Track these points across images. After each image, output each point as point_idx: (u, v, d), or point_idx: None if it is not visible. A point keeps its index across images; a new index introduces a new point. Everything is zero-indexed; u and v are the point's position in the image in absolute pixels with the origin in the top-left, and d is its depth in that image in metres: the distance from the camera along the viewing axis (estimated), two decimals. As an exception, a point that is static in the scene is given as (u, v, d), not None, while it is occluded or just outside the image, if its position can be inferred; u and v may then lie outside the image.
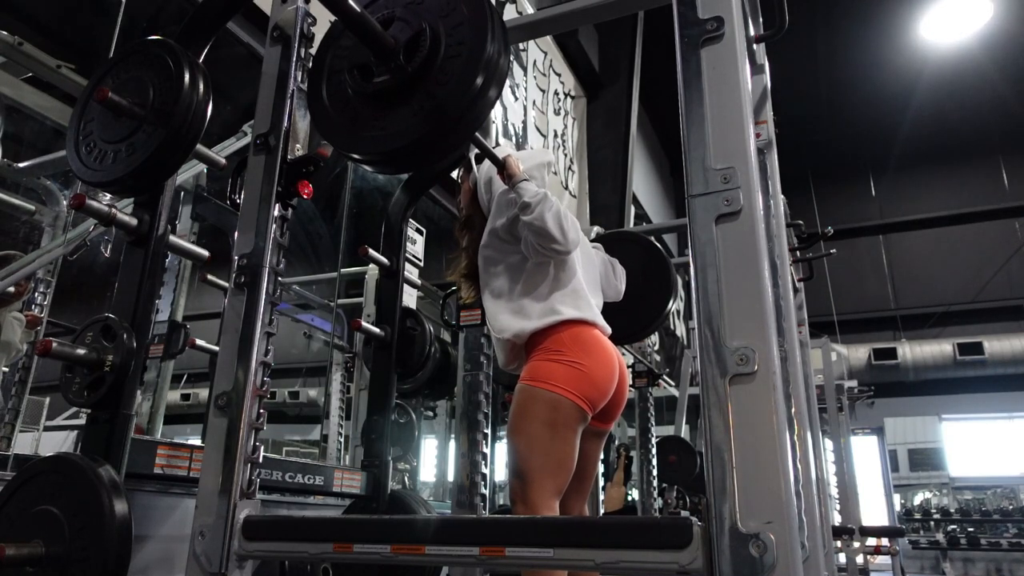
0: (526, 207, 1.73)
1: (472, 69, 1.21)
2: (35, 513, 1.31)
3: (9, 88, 3.15)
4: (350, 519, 1.71)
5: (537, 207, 1.72)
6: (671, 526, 0.91)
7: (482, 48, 1.22)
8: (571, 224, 1.75)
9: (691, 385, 6.44)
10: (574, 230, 1.76)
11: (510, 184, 1.81)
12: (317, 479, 2.22)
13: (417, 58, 1.24)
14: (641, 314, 2.49)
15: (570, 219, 1.76)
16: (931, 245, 11.87)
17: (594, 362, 1.75)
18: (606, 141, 7.91)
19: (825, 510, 3.10)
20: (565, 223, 1.73)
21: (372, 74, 1.29)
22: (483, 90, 1.21)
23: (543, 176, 1.95)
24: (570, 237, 1.74)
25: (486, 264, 1.89)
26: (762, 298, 0.96)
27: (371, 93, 1.29)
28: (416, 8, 1.29)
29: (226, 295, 1.37)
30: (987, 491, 10.71)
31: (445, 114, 1.22)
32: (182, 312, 3.65)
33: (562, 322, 1.76)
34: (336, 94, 1.36)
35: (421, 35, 1.25)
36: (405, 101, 1.26)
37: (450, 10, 1.27)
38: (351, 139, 1.32)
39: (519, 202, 1.75)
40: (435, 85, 1.24)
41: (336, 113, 1.35)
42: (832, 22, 9.38)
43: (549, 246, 1.73)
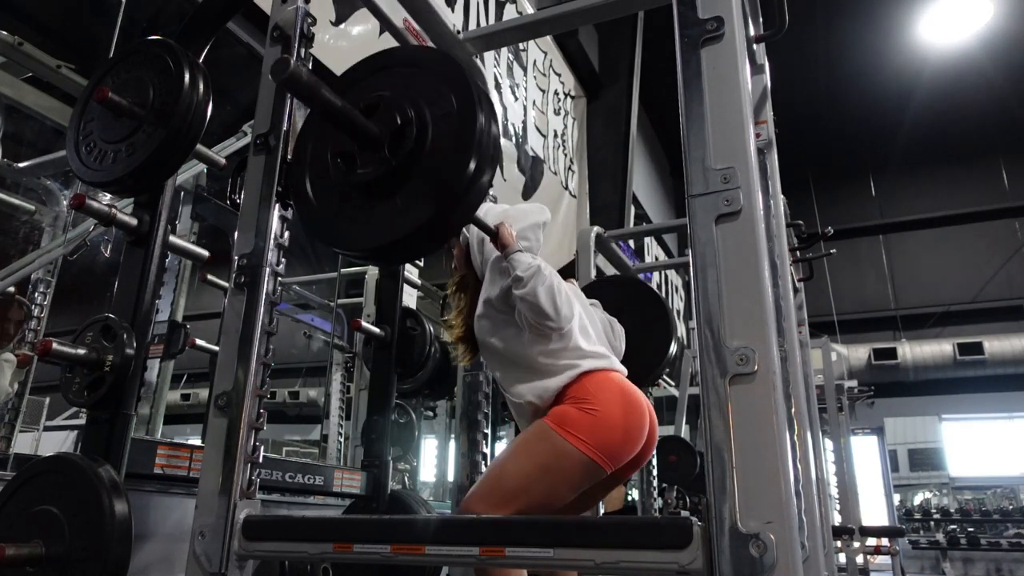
0: (519, 281, 1.66)
1: (464, 153, 1.14)
2: (35, 513, 1.31)
3: (9, 88, 3.15)
4: (350, 519, 1.71)
5: (530, 282, 1.65)
6: (671, 526, 0.91)
7: (472, 130, 1.14)
8: (565, 299, 1.68)
9: (691, 385, 6.43)
10: (567, 305, 1.69)
11: (503, 254, 1.74)
12: (317, 479, 2.22)
13: (404, 148, 1.17)
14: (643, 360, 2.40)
15: (564, 293, 1.69)
16: (931, 245, 11.87)
17: (622, 411, 1.65)
18: (606, 141, 7.91)
19: (825, 510, 3.10)
20: (559, 298, 1.66)
21: (356, 164, 1.22)
22: (477, 174, 1.14)
23: (538, 237, 1.88)
24: (563, 313, 1.67)
25: (486, 332, 1.81)
26: (762, 298, 0.96)
27: (357, 184, 1.21)
28: (402, 91, 1.22)
29: (226, 295, 1.37)
30: (987, 491, 10.71)
31: (438, 204, 1.15)
32: (182, 312, 3.65)
33: (582, 373, 1.67)
34: (320, 184, 1.28)
35: (407, 125, 1.18)
36: (394, 192, 1.19)
37: (436, 95, 1.20)
38: (339, 233, 1.24)
39: (512, 275, 1.68)
40: (425, 174, 1.17)
41: (321, 205, 1.27)
42: (832, 22, 9.37)
43: (543, 323, 1.66)
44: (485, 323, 1.80)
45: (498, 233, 1.75)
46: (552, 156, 6.94)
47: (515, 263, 1.69)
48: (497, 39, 2.36)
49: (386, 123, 1.19)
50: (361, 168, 1.21)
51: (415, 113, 1.19)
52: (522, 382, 1.72)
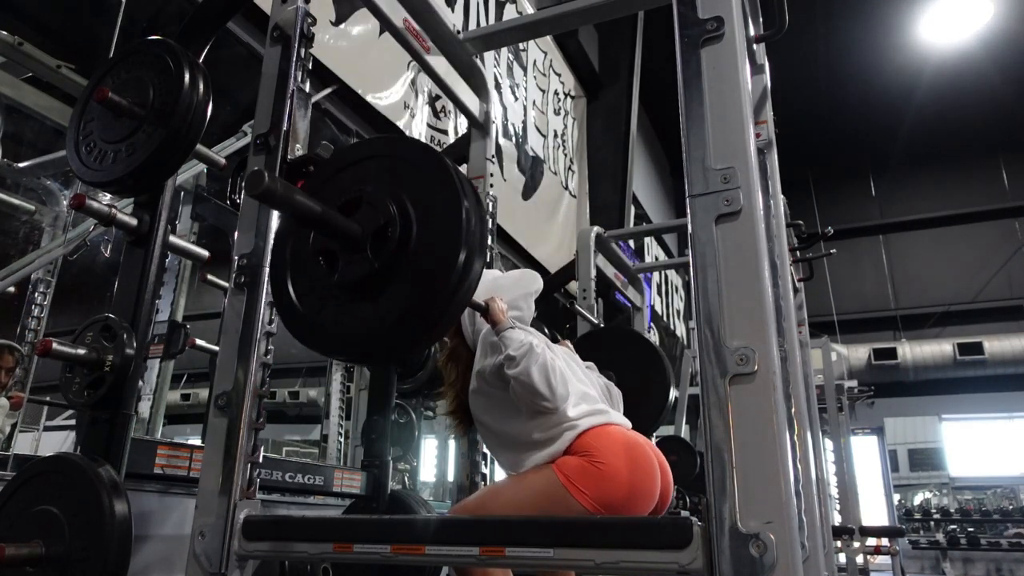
0: (511, 361, 1.60)
1: (452, 247, 1.09)
2: (35, 513, 1.31)
3: (9, 88, 3.15)
4: (350, 519, 1.71)
5: (523, 361, 1.58)
6: (671, 526, 0.91)
7: (459, 223, 1.09)
8: (559, 378, 1.62)
9: (691, 385, 6.44)
10: (563, 384, 1.62)
11: (494, 331, 1.68)
12: (317, 479, 2.22)
13: (388, 247, 1.12)
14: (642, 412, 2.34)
15: (558, 372, 1.62)
16: (931, 245, 11.87)
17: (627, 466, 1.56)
18: (606, 141, 7.91)
19: (825, 510, 3.10)
20: (553, 377, 1.59)
21: (338, 261, 1.16)
22: (467, 267, 1.09)
23: (529, 305, 1.85)
24: (558, 392, 1.60)
25: (480, 410, 1.75)
26: (762, 298, 0.96)
27: (341, 284, 1.16)
28: (382, 185, 1.17)
29: (226, 295, 1.37)
30: (987, 491, 10.71)
31: (429, 302, 1.10)
32: (182, 312, 3.65)
33: (583, 432, 1.60)
34: (302, 284, 1.22)
35: (390, 223, 1.12)
36: (381, 291, 1.13)
37: (419, 185, 1.15)
38: (323, 336, 1.19)
39: (504, 354, 1.62)
40: (413, 271, 1.11)
41: (304, 305, 1.20)
42: (832, 22, 9.38)
43: (538, 403, 1.59)
44: (479, 399, 1.74)
45: (488, 309, 1.69)
46: (552, 156, 6.94)
47: (507, 341, 1.63)
48: (497, 39, 2.36)
49: (368, 221, 1.14)
50: (345, 268, 1.15)
51: (397, 208, 1.13)
52: (522, 457, 1.65)
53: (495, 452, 1.77)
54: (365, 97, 4.03)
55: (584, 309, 3.34)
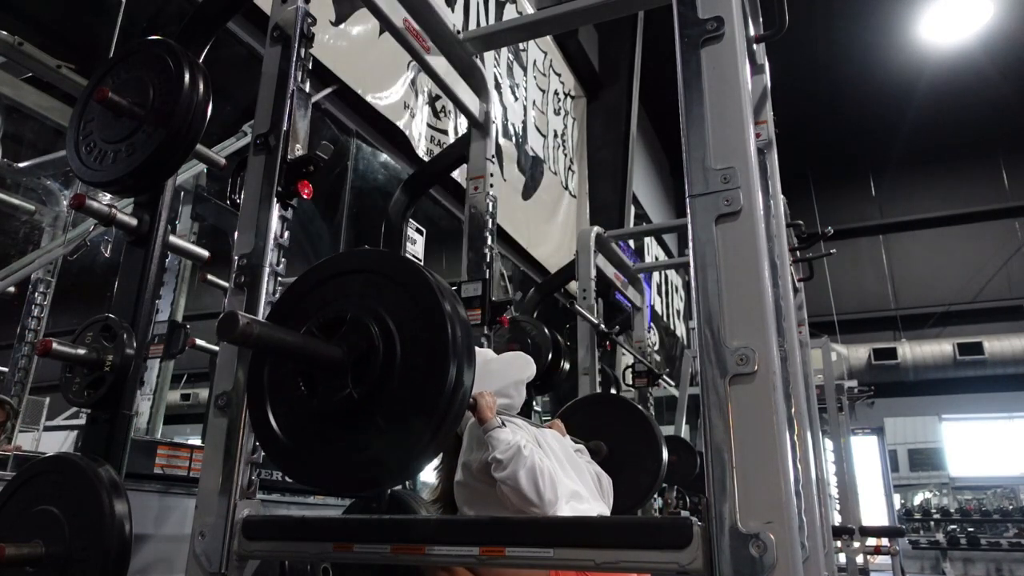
0: (499, 464, 1.56)
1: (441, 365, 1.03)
2: (35, 513, 1.31)
3: (9, 88, 3.15)
4: (350, 519, 1.71)
5: (511, 465, 1.54)
6: (671, 526, 0.91)
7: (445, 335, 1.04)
8: (547, 482, 1.57)
9: (691, 385, 6.44)
10: (551, 489, 1.57)
11: (482, 429, 1.63)
12: (317, 479, 2.22)
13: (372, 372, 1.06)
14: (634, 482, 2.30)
15: (547, 475, 1.58)
16: (931, 245, 11.87)
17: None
18: (606, 141, 7.91)
19: (825, 510, 3.10)
20: (541, 481, 1.55)
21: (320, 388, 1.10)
22: (458, 384, 1.04)
23: (520, 393, 1.83)
24: (546, 498, 1.55)
25: (464, 502, 1.71)
26: (762, 298, 0.96)
27: (325, 412, 1.10)
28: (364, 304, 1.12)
29: (226, 295, 1.37)
30: (987, 491, 10.71)
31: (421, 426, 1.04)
32: (182, 312, 3.65)
33: None
34: (284, 411, 1.15)
35: (372, 351, 1.07)
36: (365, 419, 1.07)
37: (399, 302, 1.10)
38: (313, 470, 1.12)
39: (491, 455, 1.58)
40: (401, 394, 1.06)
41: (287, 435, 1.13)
42: (832, 22, 9.38)
43: (526, 508, 1.55)
44: (463, 492, 1.70)
45: (476, 406, 1.64)
46: (552, 156, 6.94)
47: (494, 442, 1.58)
48: (497, 39, 2.36)
49: (350, 344, 1.09)
50: (325, 393, 1.09)
51: (379, 328, 1.08)
52: None
53: None
54: (365, 97, 4.03)
55: (584, 309, 3.34)
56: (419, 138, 4.58)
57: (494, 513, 1.61)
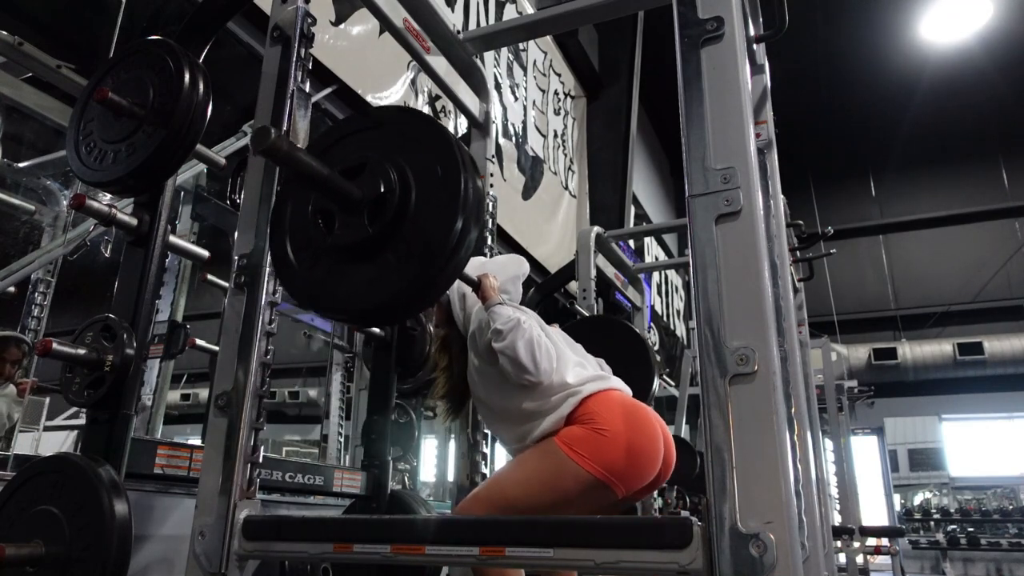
0: (498, 334, 1.64)
1: (450, 215, 1.11)
2: (35, 513, 1.31)
3: (9, 88, 3.15)
4: (350, 519, 1.71)
5: (509, 335, 1.63)
6: (671, 526, 0.91)
7: (457, 191, 1.12)
8: (544, 353, 1.64)
9: (691, 385, 6.44)
10: (547, 359, 1.64)
11: (484, 306, 1.72)
12: (317, 479, 2.22)
13: (387, 212, 1.15)
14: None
15: (544, 347, 1.65)
16: (931, 245, 11.87)
17: (627, 430, 1.58)
18: (606, 141, 7.91)
19: (825, 510, 3.10)
20: (538, 352, 1.63)
21: (336, 223, 1.19)
22: (463, 234, 1.11)
23: (517, 288, 1.89)
24: (542, 368, 1.63)
25: (480, 390, 1.78)
26: (762, 298, 0.96)
27: (338, 246, 1.18)
28: (385, 153, 1.20)
29: (226, 295, 1.37)
30: (987, 491, 10.70)
31: (425, 266, 1.12)
32: (182, 312, 3.65)
33: (585, 397, 1.63)
34: (300, 242, 1.24)
35: (390, 189, 1.15)
36: (378, 254, 1.16)
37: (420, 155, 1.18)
38: (320, 295, 1.20)
39: (492, 328, 1.67)
40: (410, 236, 1.14)
41: (300, 264, 1.22)
42: (832, 22, 9.38)
43: (522, 376, 1.63)
44: (477, 379, 1.78)
45: (480, 285, 1.74)
46: (552, 156, 6.94)
47: (495, 316, 1.67)
48: (497, 39, 2.36)
49: (369, 186, 1.17)
50: (342, 230, 1.18)
51: (398, 176, 1.16)
52: (525, 431, 1.67)
53: (497, 430, 1.80)
54: (365, 97, 4.03)
55: (584, 309, 3.34)
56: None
57: (508, 394, 1.70)
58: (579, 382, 1.66)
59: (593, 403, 1.62)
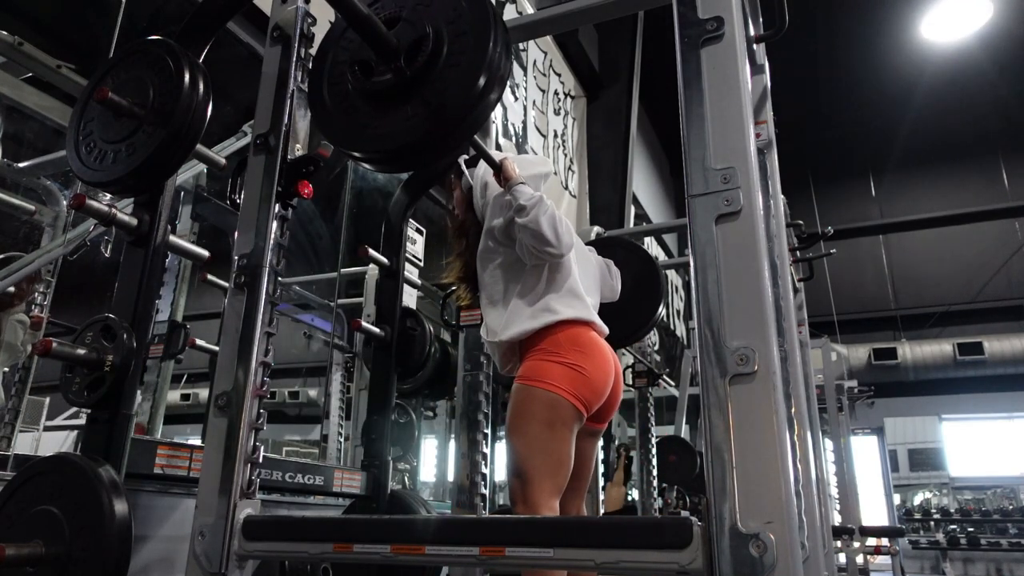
0: (521, 209, 1.74)
1: (475, 71, 1.21)
2: (35, 513, 1.31)
3: (9, 88, 3.15)
4: (350, 519, 1.71)
5: (533, 210, 1.72)
6: (671, 526, 0.91)
7: (484, 51, 1.22)
8: (565, 228, 1.76)
9: (691, 385, 6.44)
10: (568, 234, 1.76)
11: (506, 187, 1.81)
12: (317, 479, 2.22)
13: (419, 59, 1.24)
14: (633, 317, 2.47)
15: (564, 223, 1.77)
16: (931, 245, 11.86)
17: (591, 364, 1.75)
18: (606, 141, 7.91)
19: (825, 510, 3.10)
20: (559, 227, 1.74)
21: (373, 72, 1.28)
22: (485, 92, 1.21)
23: (539, 187, 1.95)
24: (564, 241, 1.74)
25: (483, 266, 1.89)
26: (762, 298, 0.96)
27: (372, 91, 1.28)
28: (421, 10, 1.29)
29: (226, 295, 1.37)
30: (987, 491, 10.70)
31: (446, 115, 1.21)
32: (182, 312, 3.65)
33: (558, 323, 1.77)
34: (337, 90, 1.34)
35: (424, 39, 1.25)
36: (406, 101, 1.25)
37: (455, 14, 1.27)
38: (350, 136, 1.31)
39: (515, 204, 1.76)
40: (437, 86, 1.23)
41: (336, 109, 1.33)
42: (832, 22, 9.38)
43: (543, 249, 1.73)
44: (486, 258, 1.88)
45: (502, 166, 1.82)
46: (552, 156, 6.94)
47: (518, 194, 1.76)
48: (497, 39, 2.35)
49: (405, 36, 1.26)
50: (377, 76, 1.27)
51: (432, 30, 1.25)
52: (503, 321, 1.81)
53: (487, 310, 1.90)
54: (365, 97, 4.02)
55: (584, 309, 3.33)
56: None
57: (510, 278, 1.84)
58: (562, 303, 1.79)
59: (562, 336, 1.76)
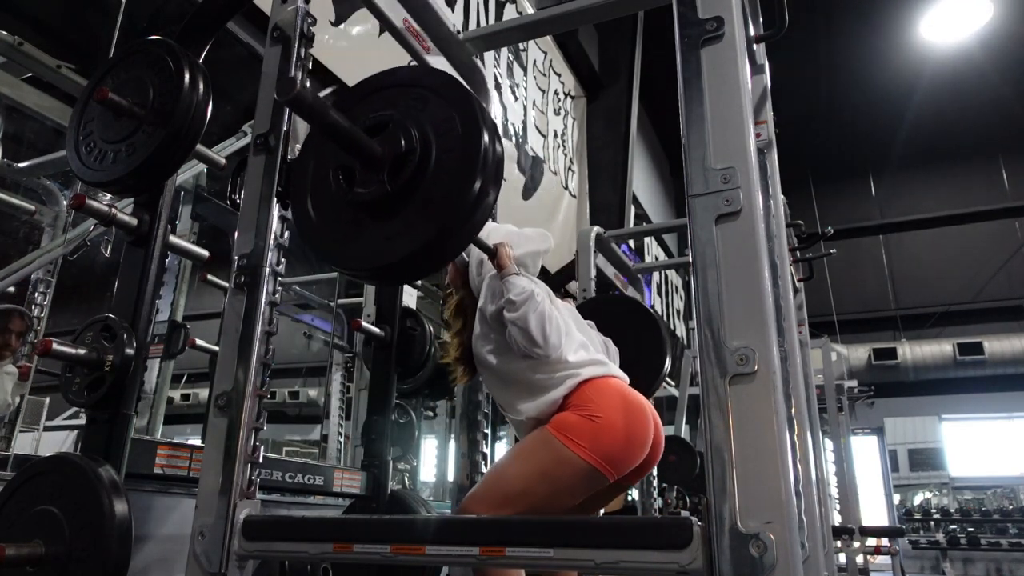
0: (511, 304, 1.65)
1: (468, 175, 1.13)
2: (35, 513, 1.31)
3: (9, 88, 3.15)
4: (350, 519, 1.71)
5: (523, 307, 1.64)
6: (671, 526, 0.91)
7: (477, 152, 1.13)
8: (555, 328, 1.66)
9: (691, 385, 6.44)
10: (557, 334, 1.66)
11: (499, 275, 1.73)
12: (317, 479, 2.22)
13: (406, 170, 1.16)
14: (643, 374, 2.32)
15: (555, 322, 1.67)
16: (931, 245, 11.87)
17: (624, 417, 1.62)
18: (606, 141, 7.91)
19: (825, 510, 3.10)
20: (548, 326, 1.64)
21: (357, 180, 1.20)
22: (481, 196, 1.13)
23: (536, 264, 1.89)
24: (551, 342, 1.64)
25: (484, 351, 1.78)
26: (762, 298, 0.96)
27: (358, 202, 1.20)
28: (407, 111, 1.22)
29: (226, 295, 1.37)
30: (987, 491, 10.71)
31: (441, 225, 1.13)
32: (182, 312, 3.65)
33: (582, 381, 1.65)
34: (320, 198, 1.25)
35: (411, 148, 1.17)
36: (396, 212, 1.17)
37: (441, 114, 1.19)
38: (337, 250, 1.22)
39: (505, 297, 1.67)
40: (428, 195, 1.15)
41: (320, 219, 1.25)
42: (832, 22, 9.38)
43: (531, 349, 1.64)
44: (482, 343, 1.78)
45: (496, 253, 1.74)
46: (552, 156, 6.94)
47: (509, 286, 1.68)
48: (497, 39, 2.36)
49: (391, 144, 1.19)
50: (362, 187, 1.19)
51: (419, 134, 1.18)
52: (522, 400, 1.70)
53: (497, 393, 1.82)
54: (365, 97, 4.03)
55: (584, 309, 3.33)
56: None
57: (512, 359, 1.72)
58: (579, 363, 1.68)
59: (589, 389, 1.65)
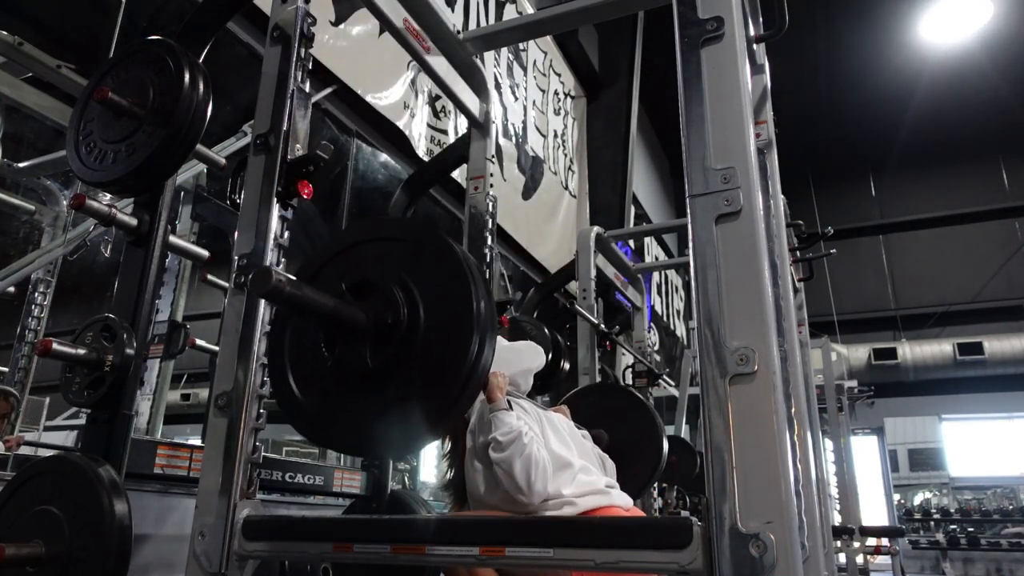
0: (497, 444, 1.57)
1: (465, 335, 1.06)
2: (35, 513, 1.31)
3: (9, 88, 3.15)
4: (350, 519, 1.71)
5: (508, 449, 1.55)
6: (671, 526, 0.91)
7: (469, 309, 1.07)
8: (540, 473, 1.56)
9: (691, 385, 6.44)
10: (542, 480, 1.56)
11: (488, 408, 1.64)
12: (317, 479, 2.22)
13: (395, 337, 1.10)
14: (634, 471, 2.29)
15: (540, 466, 1.56)
16: (931, 245, 11.87)
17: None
18: (606, 141, 7.91)
19: (825, 510, 3.10)
20: (534, 472, 1.54)
21: (342, 352, 1.13)
22: (479, 354, 1.07)
23: (527, 380, 1.86)
24: (536, 489, 1.54)
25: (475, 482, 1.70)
26: (762, 298, 0.96)
27: (343, 374, 1.13)
28: (388, 269, 1.16)
29: (226, 295, 1.37)
30: (987, 491, 10.71)
31: (441, 393, 1.07)
32: (182, 312, 3.65)
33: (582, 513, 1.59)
34: (304, 374, 1.18)
35: (397, 316, 1.10)
36: (385, 384, 1.10)
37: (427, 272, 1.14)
38: (330, 431, 1.16)
39: (491, 435, 1.58)
40: (422, 361, 1.09)
41: (306, 397, 1.18)
42: (832, 22, 9.38)
43: (514, 494, 1.55)
44: (472, 472, 1.70)
45: (487, 385, 1.64)
46: (552, 156, 6.94)
47: (497, 423, 1.59)
48: (497, 39, 2.36)
49: (375, 310, 1.12)
50: (346, 360, 1.12)
51: (404, 296, 1.12)
52: None
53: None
54: (365, 97, 4.03)
55: (584, 309, 3.34)
56: (419, 138, 4.58)
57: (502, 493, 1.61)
58: (578, 494, 1.62)
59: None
